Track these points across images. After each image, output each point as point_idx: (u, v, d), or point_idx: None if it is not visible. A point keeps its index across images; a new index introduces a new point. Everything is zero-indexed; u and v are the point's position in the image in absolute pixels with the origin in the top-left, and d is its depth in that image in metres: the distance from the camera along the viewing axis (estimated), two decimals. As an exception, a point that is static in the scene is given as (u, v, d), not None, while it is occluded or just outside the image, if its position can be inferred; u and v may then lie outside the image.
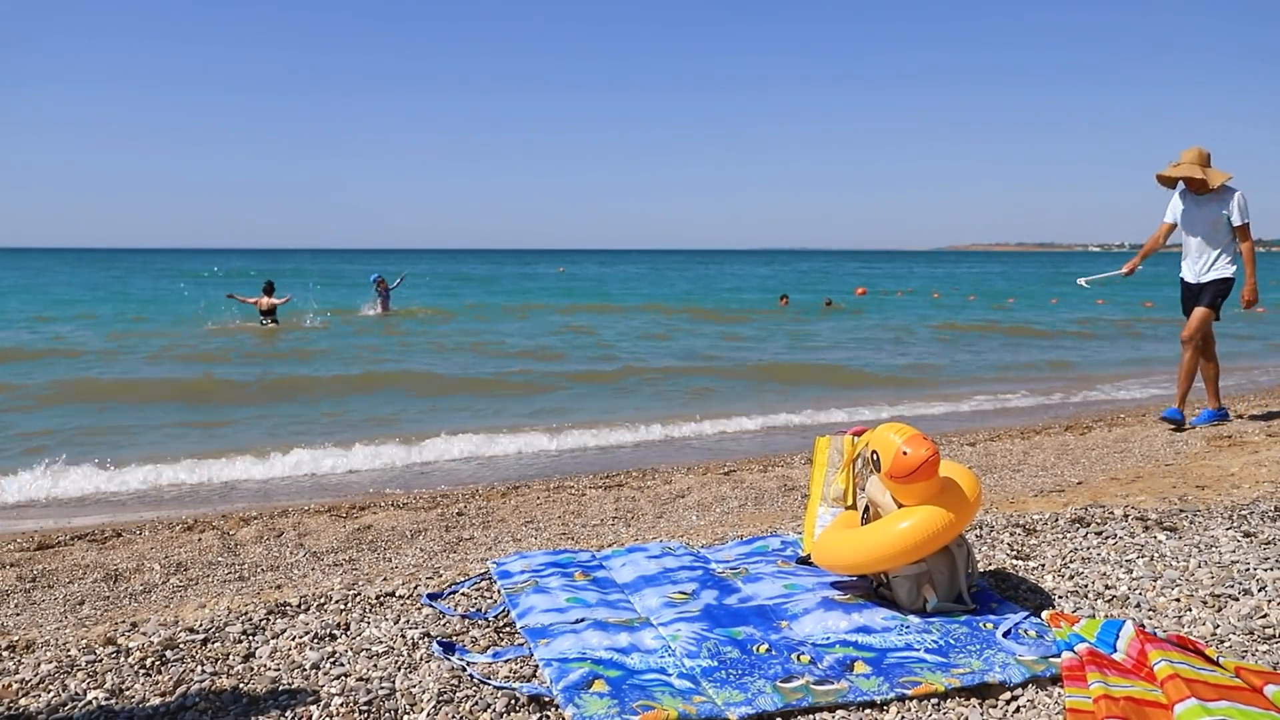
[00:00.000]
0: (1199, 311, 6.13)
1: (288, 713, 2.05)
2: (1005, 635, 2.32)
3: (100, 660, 2.34)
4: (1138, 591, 2.61)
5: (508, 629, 2.55)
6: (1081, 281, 7.34)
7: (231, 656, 2.37)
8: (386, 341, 15.30)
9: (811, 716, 2.00)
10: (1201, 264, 6.16)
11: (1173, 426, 6.36)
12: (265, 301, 16.58)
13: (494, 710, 2.02)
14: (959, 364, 12.82)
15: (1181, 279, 6.32)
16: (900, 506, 2.48)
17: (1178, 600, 2.53)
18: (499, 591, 2.85)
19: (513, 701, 2.06)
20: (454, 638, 2.46)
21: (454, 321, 19.75)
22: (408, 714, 2.02)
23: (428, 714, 2.02)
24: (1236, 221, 5.99)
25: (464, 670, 2.23)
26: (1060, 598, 2.63)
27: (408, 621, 2.58)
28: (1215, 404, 6.48)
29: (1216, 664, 2.05)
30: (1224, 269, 6.09)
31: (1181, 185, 6.15)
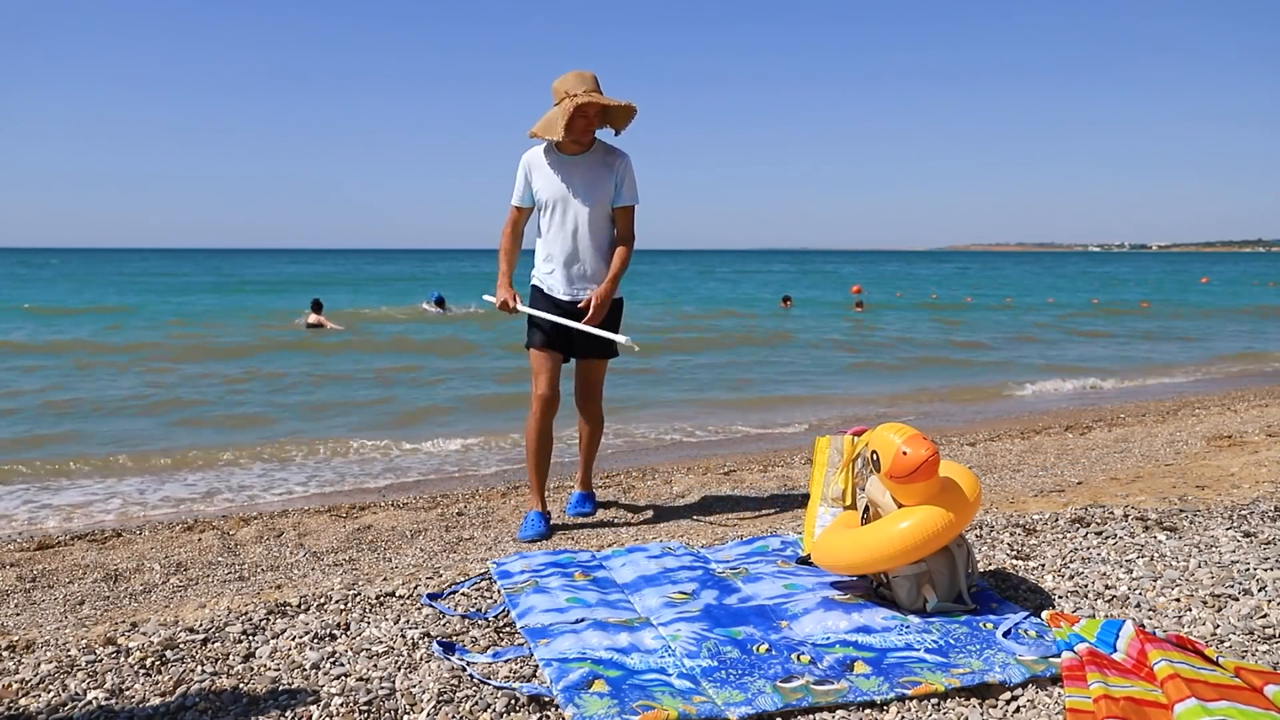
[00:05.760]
0: (598, 365, 4.07)
1: (288, 713, 2.05)
2: (1005, 635, 2.32)
3: (100, 660, 2.34)
4: (1138, 591, 2.61)
5: (508, 629, 2.56)
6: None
7: (231, 656, 2.37)
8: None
9: (811, 716, 2.00)
10: (583, 266, 3.94)
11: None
12: (313, 318, 17.03)
13: (494, 710, 2.02)
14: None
15: (544, 293, 3.99)
16: (900, 506, 2.48)
17: (1178, 600, 2.53)
18: (499, 591, 2.85)
19: (513, 701, 2.06)
20: (454, 638, 2.46)
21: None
22: (408, 714, 2.02)
23: (428, 714, 2.02)
24: (627, 199, 3.91)
25: (464, 670, 2.23)
26: (1060, 598, 2.63)
27: (408, 621, 2.58)
28: (588, 485, 4.45)
29: (1216, 664, 2.05)
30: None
31: (545, 143, 3.91)
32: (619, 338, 3.93)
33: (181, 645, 2.43)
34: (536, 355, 4.00)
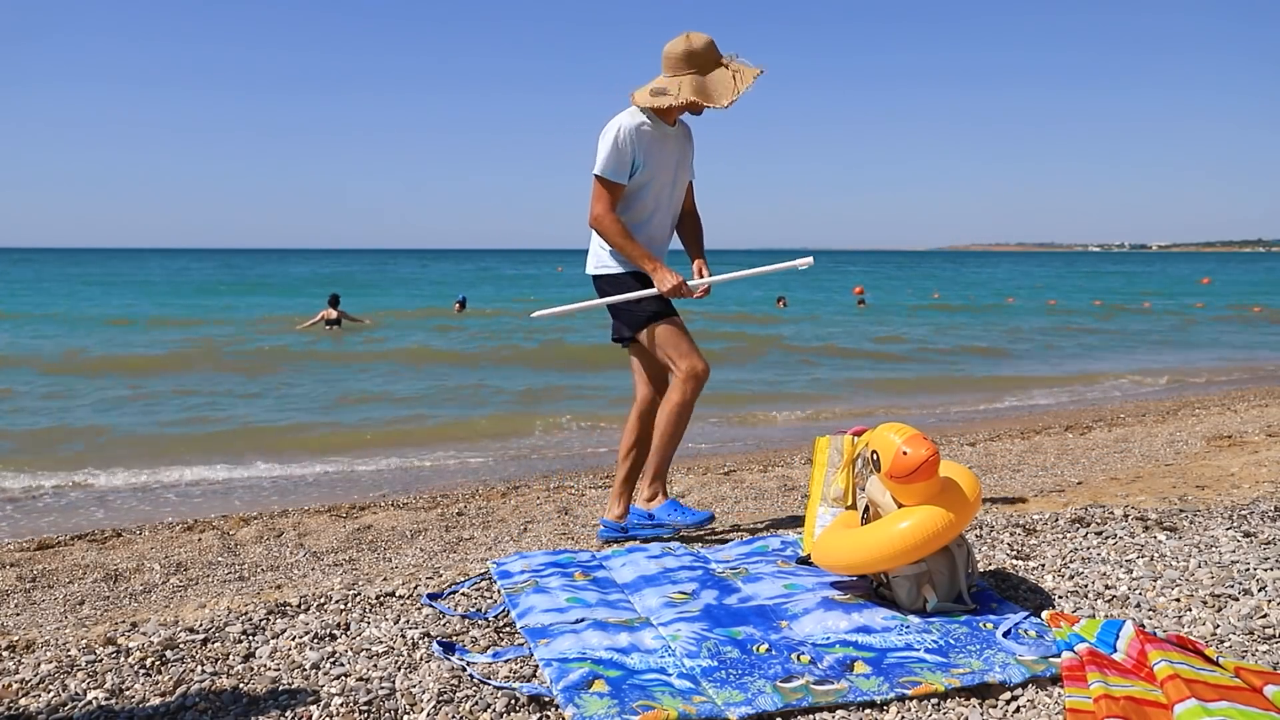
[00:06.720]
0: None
1: (288, 713, 2.05)
2: (1005, 635, 2.32)
3: (100, 660, 2.34)
4: (1138, 591, 2.61)
5: (508, 629, 2.55)
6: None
7: (231, 656, 2.37)
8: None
9: (811, 716, 2.00)
10: (666, 244, 3.61)
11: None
12: (332, 313, 17.23)
13: (494, 710, 2.02)
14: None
15: (640, 282, 3.47)
16: (900, 506, 2.48)
17: (1178, 600, 2.53)
18: (499, 591, 2.85)
19: (513, 701, 2.06)
20: (454, 638, 2.46)
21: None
22: (408, 714, 2.02)
23: (428, 714, 2.02)
24: (694, 173, 3.69)
25: (464, 670, 2.23)
26: (1060, 598, 2.63)
27: (408, 621, 2.58)
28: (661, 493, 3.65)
29: (1216, 664, 2.05)
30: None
31: (642, 114, 3.43)
32: (797, 263, 3.60)
33: (181, 645, 2.43)
34: (671, 328, 3.45)
